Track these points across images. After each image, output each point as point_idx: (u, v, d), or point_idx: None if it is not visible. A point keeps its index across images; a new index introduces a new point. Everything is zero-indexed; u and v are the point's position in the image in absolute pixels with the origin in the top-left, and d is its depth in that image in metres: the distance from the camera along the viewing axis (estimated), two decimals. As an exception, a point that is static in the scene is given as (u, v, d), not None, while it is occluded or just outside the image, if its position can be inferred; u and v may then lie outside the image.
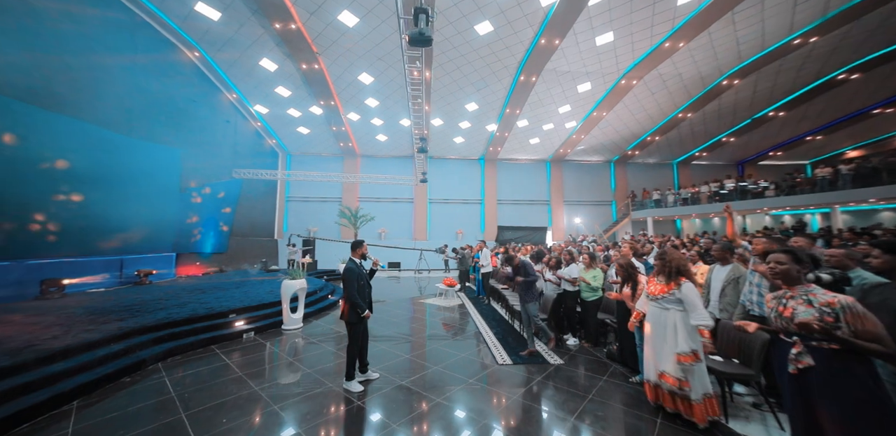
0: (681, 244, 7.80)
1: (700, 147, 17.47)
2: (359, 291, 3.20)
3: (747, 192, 13.45)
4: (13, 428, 2.62)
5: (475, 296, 8.16)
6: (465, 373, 3.57)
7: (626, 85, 12.25)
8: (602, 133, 15.65)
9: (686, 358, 2.40)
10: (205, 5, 9.27)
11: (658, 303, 2.64)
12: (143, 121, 8.79)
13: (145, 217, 8.52)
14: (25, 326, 4.31)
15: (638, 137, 16.15)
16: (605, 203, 18.50)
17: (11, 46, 6.17)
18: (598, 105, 13.33)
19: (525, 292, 4.09)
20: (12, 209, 6.16)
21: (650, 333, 2.69)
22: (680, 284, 2.55)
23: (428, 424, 2.57)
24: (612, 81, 12.19)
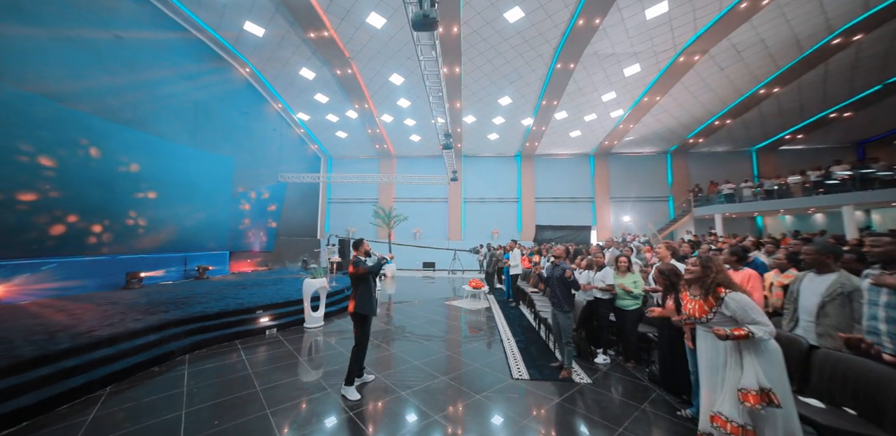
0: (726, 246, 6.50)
1: (793, 128, 14.11)
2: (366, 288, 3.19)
3: (873, 180, 9.95)
4: (57, 407, 2.88)
5: (504, 299, 7.69)
6: (474, 386, 3.22)
7: (685, 63, 10.53)
8: (655, 121, 13.88)
9: (752, 398, 1.72)
10: (252, 24, 10.04)
11: (705, 326, 2.05)
12: (201, 132, 9.78)
13: (204, 218, 9.46)
14: (97, 312, 4.90)
15: (702, 122, 13.92)
16: (659, 199, 16.45)
17: (95, 70, 7.17)
18: (649, 89, 11.77)
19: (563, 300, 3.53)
20: (103, 212, 7.20)
21: (700, 362, 2.12)
22: (721, 296, 1.95)
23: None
24: (666, 60, 10.59)
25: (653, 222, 15.36)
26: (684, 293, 2.24)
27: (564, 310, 3.52)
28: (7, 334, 3.85)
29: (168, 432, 2.43)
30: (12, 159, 5.75)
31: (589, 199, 16.61)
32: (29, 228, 6.03)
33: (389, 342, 4.59)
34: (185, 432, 2.43)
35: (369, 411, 2.76)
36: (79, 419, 2.68)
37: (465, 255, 14.34)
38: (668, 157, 16.64)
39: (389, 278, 12.16)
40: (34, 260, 6.13)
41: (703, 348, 2.09)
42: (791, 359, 2.16)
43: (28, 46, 6.05)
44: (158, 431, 2.45)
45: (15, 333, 3.93)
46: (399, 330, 5.25)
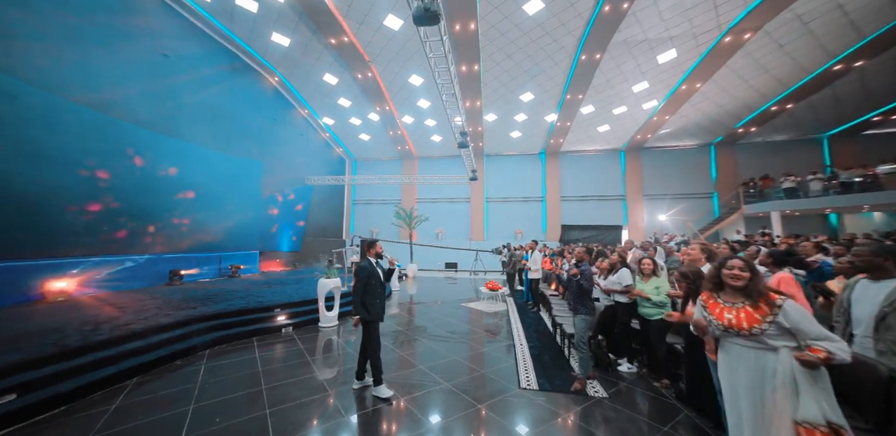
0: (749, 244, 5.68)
1: (884, 108, 11.70)
2: (370, 291, 3.10)
3: None
4: (90, 394, 3.12)
5: (524, 302, 7.40)
6: (477, 395, 3.06)
7: (732, 43, 9.35)
8: (696, 111, 12.68)
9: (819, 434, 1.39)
10: (279, 35, 10.53)
11: (751, 340, 1.65)
12: (232, 139, 10.42)
13: (236, 220, 10.06)
14: (138, 307, 5.31)
15: (754, 109, 12.32)
16: (701, 196, 15.05)
17: (139, 83, 7.85)
18: (688, 76, 10.72)
19: (579, 303, 3.30)
20: (150, 216, 7.89)
21: (735, 384, 1.71)
22: (777, 303, 1.60)
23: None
24: (709, 42, 9.50)
25: (693, 221, 14.00)
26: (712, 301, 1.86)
27: (579, 312, 3.28)
28: (64, 324, 4.26)
29: (174, 426, 2.52)
30: (77, 174, 6.46)
31: (620, 197, 15.67)
32: (92, 231, 6.74)
33: (398, 345, 4.54)
34: (189, 428, 2.51)
35: (361, 417, 2.70)
36: (104, 408, 2.87)
37: (487, 255, 14.08)
38: (711, 149, 15.15)
39: (411, 279, 12.22)
40: (96, 258, 6.83)
41: (737, 367, 1.70)
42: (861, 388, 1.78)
43: (88, 66, 6.74)
44: (166, 425, 2.55)
45: (70, 323, 4.34)
46: (410, 332, 5.19)
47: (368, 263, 3.20)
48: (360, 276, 3.10)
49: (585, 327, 3.31)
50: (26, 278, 5.81)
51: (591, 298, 3.39)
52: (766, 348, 1.61)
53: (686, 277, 2.46)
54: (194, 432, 2.44)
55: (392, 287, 9.27)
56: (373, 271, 3.17)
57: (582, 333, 3.27)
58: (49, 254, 6.15)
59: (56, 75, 6.23)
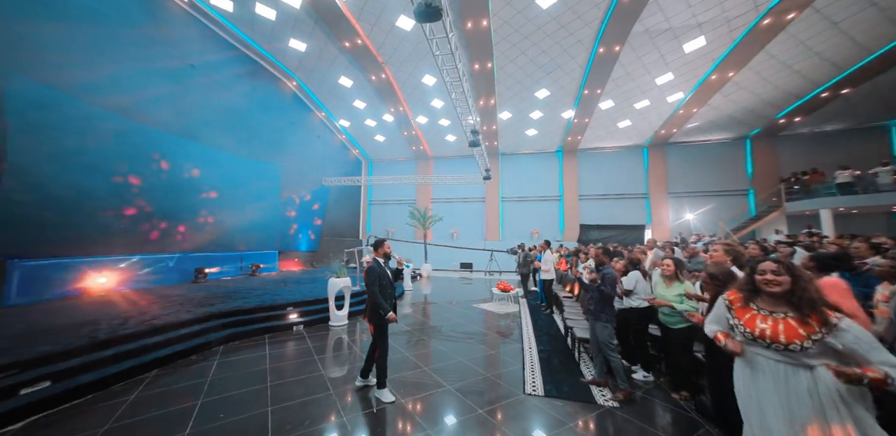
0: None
1: None
2: (381, 292, 3.05)
3: None
4: (112, 385, 3.29)
5: (536, 303, 7.20)
6: (479, 400, 2.97)
7: (772, 24, 8.47)
8: (728, 102, 11.79)
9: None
10: (296, 40, 10.84)
11: (783, 354, 1.44)
12: (252, 142, 10.81)
13: (256, 221, 10.44)
14: (164, 302, 5.59)
15: (801, 96, 11.03)
16: (735, 193, 13.98)
17: (167, 93, 8.29)
18: (719, 64, 9.97)
19: (599, 308, 3.14)
20: (177, 219, 8.33)
21: (762, 403, 1.49)
22: (833, 322, 1.36)
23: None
24: (744, 26, 8.70)
25: (726, 220, 12.97)
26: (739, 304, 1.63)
27: (602, 320, 3.10)
28: (97, 318, 4.55)
29: (181, 421, 2.60)
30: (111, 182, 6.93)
31: (642, 195, 14.98)
32: (125, 231, 7.20)
33: (406, 345, 4.51)
34: (194, 422, 2.58)
35: (359, 418, 2.68)
36: (123, 399, 3.01)
37: (503, 256, 13.88)
38: (746, 143, 13.97)
39: (425, 279, 12.23)
40: (130, 256, 7.31)
41: (763, 382, 1.48)
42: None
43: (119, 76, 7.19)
44: (174, 419, 2.64)
45: (103, 316, 4.63)
46: (419, 332, 5.16)
47: (377, 265, 3.15)
48: (371, 278, 3.04)
49: (610, 335, 3.11)
50: (69, 275, 6.28)
51: (611, 305, 3.19)
52: (799, 364, 1.40)
53: (715, 279, 2.23)
54: (199, 427, 2.51)
55: (405, 287, 9.30)
56: (382, 273, 3.12)
57: (608, 340, 3.08)
58: (89, 252, 6.62)
59: (90, 85, 6.68)
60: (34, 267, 5.84)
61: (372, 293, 3.01)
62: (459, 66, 6.06)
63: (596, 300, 3.22)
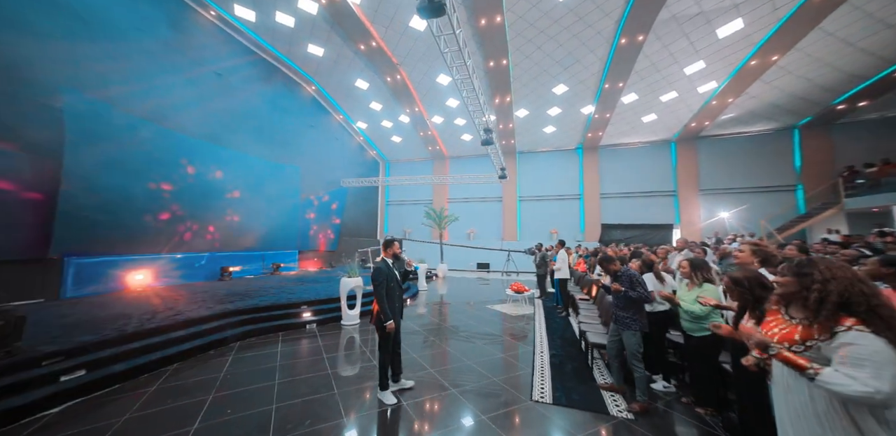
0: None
1: None
2: (388, 295, 2.98)
3: None
4: (138, 376, 3.48)
5: (552, 305, 6.97)
6: (482, 405, 2.87)
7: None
8: (771, 89, 10.63)
9: None
10: (314, 45, 11.14)
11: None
12: (274, 145, 11.22)
13: (277, 221, 10.83)
14: (190, 299, 5.89)
15: (867, 77, 9.56)
16: (779, 189, 12.64)
17: (194, 100, 8.76)
18: (760, 48, 8.96)
19: (624, 314, 2.91)
20: (204, 221, 8.79)
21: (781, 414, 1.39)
22: (834, 328, 1.19)
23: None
24: (792, 2, 7.73)
25: (769, 218, 11.61)
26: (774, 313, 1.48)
27: (632, 328, 2.86)
28: (131, 311, 4.86)
29: (192, 414, 2.70)
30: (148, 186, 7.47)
31: (670, 193, 14.19)
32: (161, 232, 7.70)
33: (413, 346, 4.48)
34: (203, 416, 2.66)
35: (357, 420, 2.66)
36: (146, 389, 3.18)
37: (520, 256, 13.61)
38: (794, 133, 12.60)
39: (441, 279, 12.21)
40: (167, 255, 7.82)
41: (780, 397, 1.37)
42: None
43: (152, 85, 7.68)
44: (186, 412, 2.74)
45: (136, 310, 4.94)
46: (428, 333, 5.12)
47: (384, 265, 3.07)
48: (378, 278, 2.97)
49: (638, 343, 2.86)
50: (113, 271, 6.81)
51: (643, 310, 2.94)
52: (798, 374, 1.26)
53: (738, 284, 1.98)
54: (207, 422, 2.58)
55: (420, 287, 9.31)
56: (389, 273, 3.04)
57: (635, 350, 2.84)
58: (131, 251, 7.15)
59: (127, 96, 7.16)
60: (86, 264, 6.44)
61: (378, 296, 2.93)
62: (469, 63, 5.96)
63: (623, 307, 2.93)
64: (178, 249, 8.13)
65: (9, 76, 5.60)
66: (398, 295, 3.07)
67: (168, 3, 8.40)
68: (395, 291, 3.04)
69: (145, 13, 7.75)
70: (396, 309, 3.03)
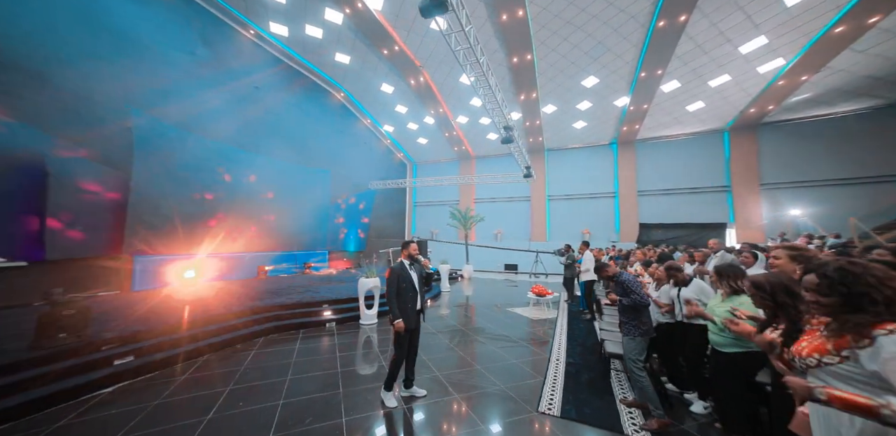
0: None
1: None
2: (399, 295, 2.95)
3: None
4: (176, 364, 3.81)
5: (578, 309, 6.57)
6: (487, 413, 2.75)
7: None
8: (869, 58, 8.64)
9: None
10: (340, 54, 11.62)
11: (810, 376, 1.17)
12: (305, 151, 11.86)
13: (308, 223, 11.42)
14: (225, 296, 6.37)
15: None
16: (875, 180, 10.49)
17: (238, 116, 9.52)
18: (850, 9, 7.37)
19: (623, 318, 2.80)
20: (244, 222, 9.52)
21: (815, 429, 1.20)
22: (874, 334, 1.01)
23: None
24: None
25: (862, 216, 8.91)
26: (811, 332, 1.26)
27: (628, 333, 2.73)
28: (176, 305, 5.36)
29: (208, 404, 2.88)
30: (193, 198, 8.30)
31: (723, 188, 12.78)
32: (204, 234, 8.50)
33: (424, 348, 4.43)
34: (218, 407, 2.83)
35: (356, 421, 2.66)
36: (178, 378, 3.47)
37: (549, 257, 13.08)
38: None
39: (466, 280, 12.10)
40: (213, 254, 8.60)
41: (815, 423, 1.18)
42: None
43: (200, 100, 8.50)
44: (203, 402, 2.93)
45: (180, 304, 5.43)
46: (442, 335, 5.05)
47: (400, 266, 3.06)
48: (390, 280, 2.96)
49: (636, 349, 2.69)
50: (170, 269, 7.64)
51: (642, 316, 2.73)
52: None
53: (760, 289, 1.68)
54: (220, 413, 2.74)
55: (442, 288, 9.28)
56: (403, 275, 3.00)
57: (634, 356, 2.67)
58: (184, 251, 7.97)
59: (179, 113, 7.99)
60: (150, 261, 7.35)
61: (388, 296, 2.93)
62: (483, 60, 5.82)
63: (622, 311, 2.82)
64: (221, 250, 8.86)
65: (92, 101, 6.55)
66: (411, 296, 3.00)
67: (214, 27, 9.25)
68: (407, 292, 2.98)
69: (191, 36, 8.60)
70: (409, 310, 2.95)
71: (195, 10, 8.87)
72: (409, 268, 3.08)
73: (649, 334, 2.76)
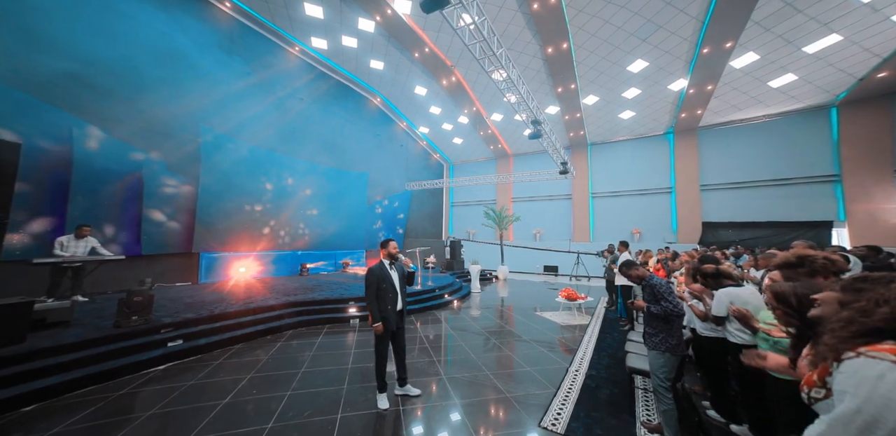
0: None
1: None
2: (379, 297, 2.96)
3: None
4: (212, 350, 4.25)
5: (617, 316, 5.94)
6: (479, 423, 2.58)
7: None
8: None
9: None
10: (375, 61, 12.09)
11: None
12: (344, 155, 12.53)
13: (347, 223, 12.06)
14: (267, 290, 6.98)
15: None
16: None
17: (285, 126, 10.44)
18: None
19: (649, 329, 2.45)
20: (290, 223, 10.39)
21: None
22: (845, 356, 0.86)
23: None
24: None
25: None
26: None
27: (654, 347, 2.38)
28: (226, 298, 6.00)
29: (228, 389, 3.14)
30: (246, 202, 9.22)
31: (826, 178, 10.34)
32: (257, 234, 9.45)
33: (437, 350, 4.36)
34: (237, 392, 3.07)
35: (352, 418, 2.67)
36: (213, 362, 3.86)
37: (592, 259, 12.14)
38: None
39: (501, 281, 11.75)
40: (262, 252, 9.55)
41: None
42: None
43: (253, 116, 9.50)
44: (226, 386, 3.21)
45: (229, 298, 6.06)
46: (457, 337, 4.92)
47: (379, 267, 3.05)
48: (368, 280, 2.95)
49: (664, 367, 2.33)
50: (227, 264, 8.63)
51: (672, 329, 2.35)
52: None
53: (783, 302, 1.33)
54: (237, 398, 2.97)
55: (473, 289, 9.11)
56: (382, 275, 2.98)
57: (660, 373, 2.32)
58: (238, 249, 8.95)
59: (235, 125, 8.99)
60: (212, 258, 8.37)
61: (366, 298, 2.94)
62: (500, 53, 5.56)
63: (647, 321, 2.44)
64: (270, 248, 9.76)
65: (166, 120, 7.67)
66: (391, 297, 2.96)
67: (264, 46, 10.26)
68: (387, 292, 2.94)
69: (244, 57, 9.60)
70: (389, 311, 2.91)
71: (248, 34, 9.90)
72: (388, 268, 3.05)
73: (679, 350, 2.35)
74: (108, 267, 5.79)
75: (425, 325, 5.65)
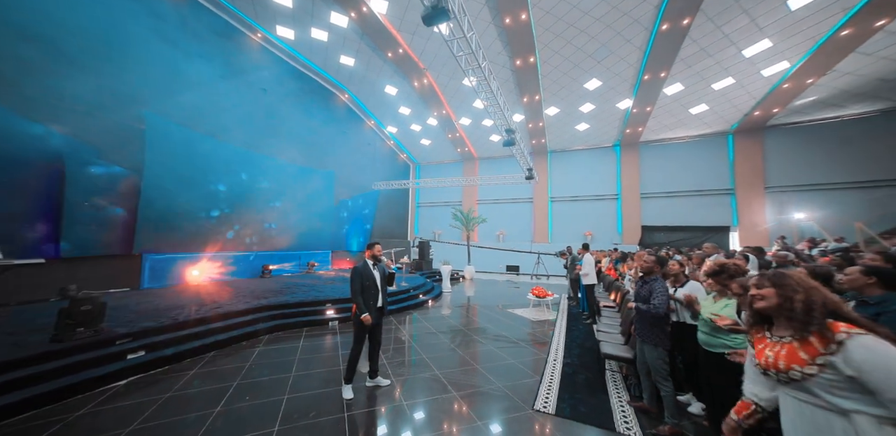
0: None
1: None
2: (363, 292, 3.17)
3: None
4: (183, 360, 3.94)
5: (579, 311, 6.64)
6: (482, 410, 2.84)
7: None
8: (877, 61, 8.67)
9: None
10: (345, 56, 11.77)
11: (801, 391, 1.13)
12: (311, 152, 12.01)
13: (312, 223, 11.58)
14: (231, 294, 6.53)
15: None
16: (886, 184, 10.44)
17: (245, 119, 9.70)
18: (857, 12, 7.33)
19: (644, 325, 2.73)
20: (249, 221, 9.69)
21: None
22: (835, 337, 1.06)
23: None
24: None
25: (870, 220, 8.95)
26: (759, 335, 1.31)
27: (650, 342, 2.67)
28: (185, 303, 5.52)
29: (217, 398, 3.01)
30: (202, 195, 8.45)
31: (727, 191, 12.77)
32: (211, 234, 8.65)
33: (424, 347, 4.54)
34: (226, 400, 2.95)
35: (358, 416, 2.76)
36: (187, 372, 3.60)
37: (551, 259, 13.13)
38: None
39: (468, 281, 12.18)
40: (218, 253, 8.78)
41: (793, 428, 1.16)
42: None
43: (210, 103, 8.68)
44: (214, 394, 3.06)
45: (188, 302, 5.59)
46: (441, 334, 5.15)
47: (363, 266, 3.27)
48: (352, 277, 3.20)
49: (659, 358, 2.64)
50: (176, 267, 7.82)
51: (662, 325, 2.71)
52: (828, 407, 1.05)
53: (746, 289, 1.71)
54: (228, 406, 2.86)
55: (444, 289, 9.38)
56: (365, 273, 3.21)
57: (658, 366, 2.63)
58: (190, 250, 8.15)
59: (187, 114, 8.16)
60: (158, 260, 7.55)
61: (352, 292, 3.17)
62: (484, 65, 5.91)
63: (639, 318, 2.79)
64: (227, 249, 9.04)
65: (106, 104, 6.73)
66: (373, 294, 3.21)
67: (222, 30, 9.43)
68: (369, 290, 3.19)
69: (200, 39, 8.78)
70: (373, 308, 3.17)
71: (204, 14, 9.05)
72: (372, 267, 3.28)
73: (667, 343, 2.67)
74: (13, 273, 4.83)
75: (405, 324, 5.78)
